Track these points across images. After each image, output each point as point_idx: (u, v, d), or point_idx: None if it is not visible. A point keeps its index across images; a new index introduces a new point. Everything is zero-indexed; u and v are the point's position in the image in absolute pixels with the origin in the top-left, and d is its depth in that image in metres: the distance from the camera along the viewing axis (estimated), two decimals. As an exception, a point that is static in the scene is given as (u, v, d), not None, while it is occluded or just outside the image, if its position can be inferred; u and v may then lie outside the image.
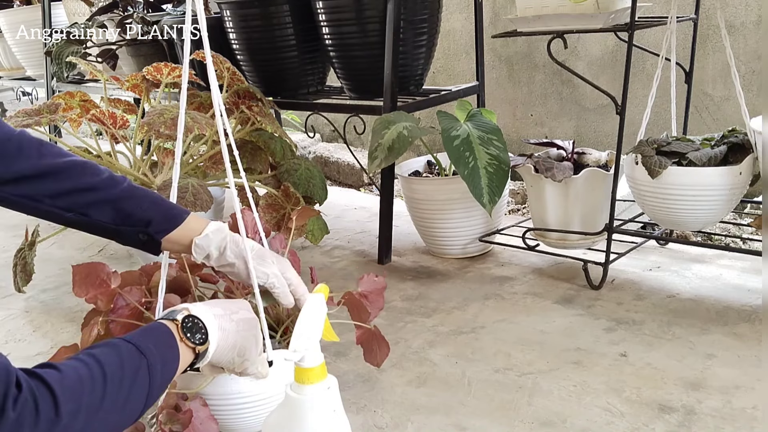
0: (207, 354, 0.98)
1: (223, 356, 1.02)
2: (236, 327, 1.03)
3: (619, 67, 2.69)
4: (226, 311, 1.04)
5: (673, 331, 1.63)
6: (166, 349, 0.92)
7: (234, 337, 1.02)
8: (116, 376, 0.81)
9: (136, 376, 0.84)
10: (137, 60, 2.85)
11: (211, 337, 0.98)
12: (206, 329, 0.98)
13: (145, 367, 0.85)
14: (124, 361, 0.84)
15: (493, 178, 1.90)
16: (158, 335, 0.93)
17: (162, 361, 0.89)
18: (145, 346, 0.87)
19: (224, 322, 1.02)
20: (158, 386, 0.88)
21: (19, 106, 5.21)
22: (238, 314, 1.05)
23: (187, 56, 1.27)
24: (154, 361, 0.87)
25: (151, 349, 0.88)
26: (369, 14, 2.17)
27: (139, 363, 0.85)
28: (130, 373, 0.83)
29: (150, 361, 0.86)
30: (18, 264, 1.91)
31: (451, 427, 1.34)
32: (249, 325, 1.06)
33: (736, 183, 1.67)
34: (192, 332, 0.96)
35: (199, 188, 1.85)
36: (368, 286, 1.41)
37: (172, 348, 0.93)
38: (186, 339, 0.95)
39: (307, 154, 3.61)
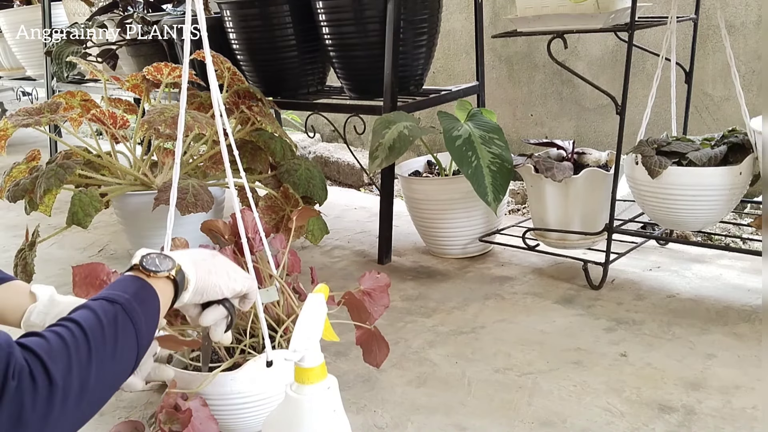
0: (187, 279, 0.99)
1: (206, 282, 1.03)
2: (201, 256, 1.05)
3: (619, 67, 2.69)
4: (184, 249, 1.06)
5: (673, 331, 1.63)
6: (137, 289, 0.91)
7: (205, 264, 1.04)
8: (96, 329, 0.82)
9: (115, 323, 0.84)
10: (137, 60, 2.85)
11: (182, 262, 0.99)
12: (172, 258, 0.98)
13: (121, 311, 0.86)
14: (98, 314, 0.84)
15: (497, 176, 1.91)
16: (123, 283, 0.93)
17: (137, 301, 0.89)
18: (114, 295, 0.88)
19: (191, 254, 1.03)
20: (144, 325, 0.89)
21: (19, 106, 5.21)
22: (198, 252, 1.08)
23: (187, 56, 1.27)
24: (129, 304, 0.87)
25: (121, 295, 0.88)
26: (369, 14, 2.17)
27: (114, 310, 0.86)
28: (108, 322, 0.84)
29: (124, 305, 0.87)
30: (18, 264, 1.92)
31: (451, 427, 1.34)
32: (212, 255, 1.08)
33: (736, 183, 1.67)
34: (156, 264, 0.96)
35: (200, 189, 1.85)
36: (371, 284, 1.41)
37: (143, 286, 0.93)
38: (152, 273, 0.94)
39: (307, 154, 3.61)
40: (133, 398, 1.51)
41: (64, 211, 1.91)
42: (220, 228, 1.43)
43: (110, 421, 1.43)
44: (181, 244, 1.37)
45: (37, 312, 1.04)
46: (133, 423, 1.26)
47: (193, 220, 1.87)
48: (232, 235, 1.41)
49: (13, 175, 2.02)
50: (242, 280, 1.09)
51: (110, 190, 2.01)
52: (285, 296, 1.35)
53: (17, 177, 2.01)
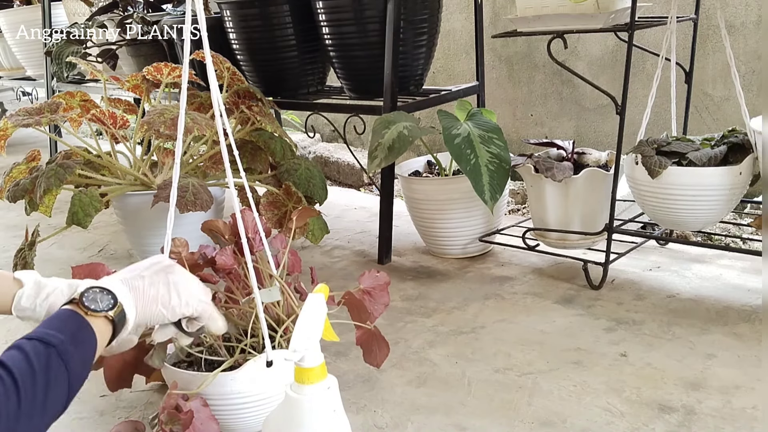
0: (126, 318, 0.96)
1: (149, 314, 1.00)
2: (150, 281, 1.02)
3: (619, 67, 2.69)
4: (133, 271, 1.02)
5: (673, 331, 1.63)
6: (74, 329, 0.89)
7: (150, 290, 1.01)
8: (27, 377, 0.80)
9: (48, 368, 0.82)
10: (137, 60, 2.85)
11: (123, 299, 0.96)
12: (114, 294, 0.95)
13: (55, 355, 0.83)
14: (31, 358, 0.81)
15: (494, 176, 1.91)
16: (61, 320, 0.90)
17: (73, 342, 0.87)
18: (50, 335, 0.85)
19: (134, 282, 1.00)
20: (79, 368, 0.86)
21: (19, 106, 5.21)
22: (150, 269, 1.04)
23: (187, 56, 1.27)
24: (63, 346, 0.85)
25: (56, 335, 0.86)
26: (369, 14, 2.17)
27: (47, 353, 0.83)
28: (41, 368, 0.81)
29: (59, 348, 0.84)
30: (18, 264, 1.92)
31: (451, 427, 1.35)
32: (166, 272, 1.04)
33: (736, 183, 1.67)
34: (96, 302, 0.93)
35: (200, 188, 1.85)
36: (371, 283, 1.41)
37: (81, 326, 0.90)
38: (90, 311, 0.92)
39: (307, 154, 3.61)
40: (133, 398, 1.51)
41: (64, 211, 1.91)
42: (220, 228, 1.43)
43: (110, 421, 1.43)
44: (181, 244, 1.37)
45: (26, 296, 1.04)
46: (133, 423, 1.26)
47: (193, 220, 1.87)
48: (233, 234, 1.41)
49: (13, 175, 2.02)
50: (194, 304, 1.06)
51: (110, 190, 2.01)
52: (285, 296, 1.35)
53: (17, 177, 2.01)
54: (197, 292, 1.07)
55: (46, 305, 1.04)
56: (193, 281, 1.08)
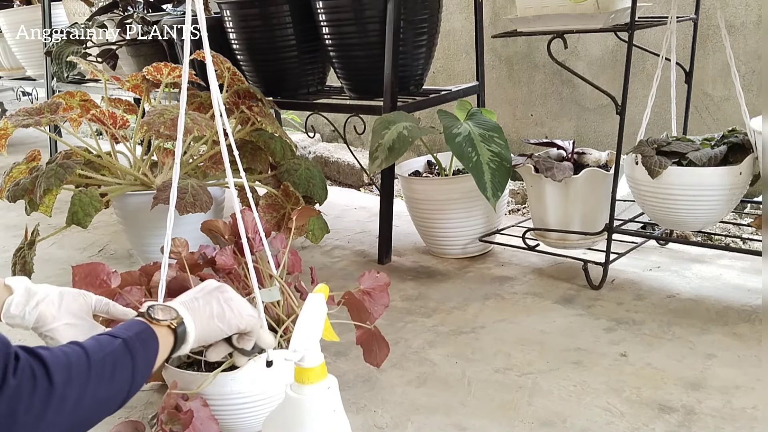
0: (188, 333, 1.00)
1: (207, 330, 1.04)
2: (204, 300, 1.06)
3: (619, 67, 2.69)
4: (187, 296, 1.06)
5: (673, 331, 1.63)
6: (140, 331, 0.94)
7: (207, 308, 1.05)
8: (97, 354, 0.85)
9: (115, 353, 0.87)
10: (137, 60, 2.85)
11: (183, 314, 1.01)
12: (176, 309, 1.00)
13: (122, 345, 0.89)
14: (101, 342, 0.87)
15: (496, 174, 1.91)
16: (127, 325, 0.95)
17: (139, 340, 0.92)
18: (117, 332, 0.91)
19: (191, 303, 1.04)
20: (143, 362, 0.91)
21: (19, 106, 5.21)
22: (202, 291, 1.08)
23: (187, 56, 1.27)
24: (131, 341, 0.90)
25: (124, 332, 0.91)
26: (369, 14, 2.17)
27: (116, 342, 0.88)
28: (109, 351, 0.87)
29: (127, 341, 0.89)
30: (17, 263, 1.92)
31: (451, 427, 1.34)
32: (218, 291, 1.08)
33: (736, 183, 1.67)
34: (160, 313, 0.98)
35: (199, 189, 1.85)
36: (370, 283, 1.41)
37: (146, 330, 0.95)
38: (155, 320, 0.97)
39: (307, 154, 3.61)
40: (133, 398, 1.51)
41: (64, 211, 1.90)
42: (220, 228, 1.43)
43: (110, 421, 1.42)
44: (181, 244, 1.37)
45: (15, 303, 1.05)
46: (133, 423, 1.26)
47: (193, 220, 1.87)
48: (232, 235, 1.41)
49: (13, 175, 2.02)
50: (247, 318, 1.09)
51: (110, 190, 2.01)
52: (285, 296, 1.35)
53: (17, 177, 2.00)
54: (247, 307, 1.11)
55: (35, 313, 1.05)
56: (242, 298, 1.12)
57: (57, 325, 1.06)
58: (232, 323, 1.07)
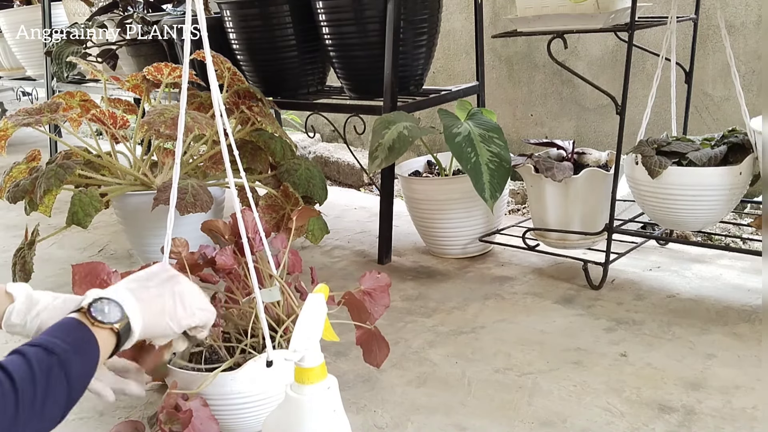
0: (132, 330, 0.95)
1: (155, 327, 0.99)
2: (157, 291, 1.01)
3: (619, 67, 2.69)
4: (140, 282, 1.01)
5: (673, 331, 1.63)
6: (78, 339, 0.88)
7: (159, 302, 1.00)
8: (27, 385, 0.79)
9: (48, 376, 0.81)
10: (137, 60, 2.85)
11: (131, 311, 0.95)
12: (121, 306, 0.94)
13: (56, 365, 0.83)
14: (32, 364, 0.81)
15: (495, 175, 1.90)
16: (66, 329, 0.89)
17: (76, 352, 0.86)
18: (53, 344, 0.84)
19: (141, 294, 0.99)
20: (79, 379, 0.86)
21: (19, 106, 5.21)
22: (157, 278, 1.03)
23: (187, 56, 1.27)
24: (66, 355, 0.84)
25: (60, 344, 0.85)
26: (369, 14, 2.17)
27: (50, 362, 0.82)
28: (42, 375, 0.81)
29: (61, 357, 0.83)
30: (17, 263, 1.91)
31: (451, 427, 1.34)
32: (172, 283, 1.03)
33: (736, 183, 1.67)
34: (103, 313, 0.92)
35: (199, 189, 1.85)
36: (371, 284, 1.41)
37: (85, 337, 0.89)
38: (97, 323, 0.91)
39: (307, 154, 3.61)
40: (132, 398, 1.51)
41: (64, 211, 1.90)
42: (220, 228, 1.43)
43: (110, 421, 1.43)
44: (181, 244, 1.37)
45: (17, 312, 1.02)
46: (133, 423, 1.26)
47: (193, 220, 1.87)
48: (233, 235, 1.41)
49: (13, 175, 2.02)
50: (199, 314, 1.05)
51: (110, 190, 2.01)
52: (285, 296, 1.35)
53: (17, 177, 2.00)
54: (201, 302, 1.07)
55: (37, 322, 1.02)
56: (196, 291, 1.07)
57: None
58: (183, 322, 1.03)
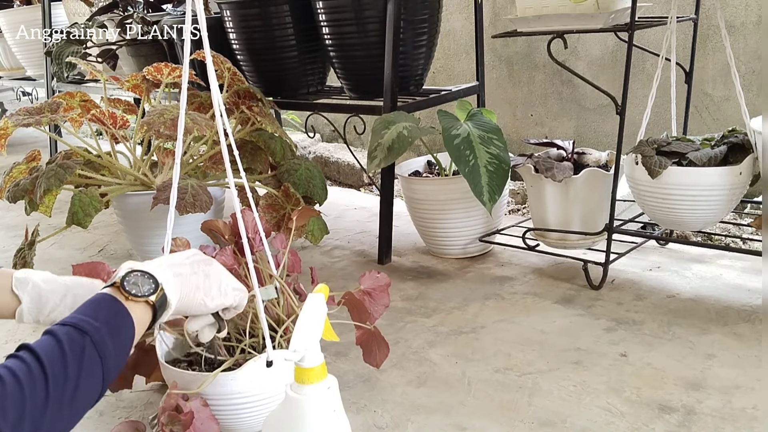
0: (168, 303, 0.94)
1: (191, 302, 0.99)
2: (191, 270, 1.01)
3: (619, 67, 2.69)
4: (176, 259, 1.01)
5: (673, 331, 1.63)
6: (111, 316, 0.86)
7: (194, 279, 1.00)
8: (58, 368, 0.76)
9: (81, 358, 0.79)
10: (137, 60, 2.85)
11: (166, 285, 0.94)
12: (155, 278, 0.93)
13: (90, 345, 0.80)
14: (63, 346, 0.78)
15: (494, 177, 1.90)
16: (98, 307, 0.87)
17: (109, 330, 0.83)
18: (85, 322, 0.82)
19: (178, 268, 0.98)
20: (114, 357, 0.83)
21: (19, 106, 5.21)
22: (191, 258, 1.04)
23: (187, 56, 1.27)
24: (99, 335, 0.82)
25: (92, 323, 0.82)
26: (369, 14, 2.17)
27: (82, 342, 0.80)
28: (73, 356, 0.78)
29: (93, 337, 0.81)
30: (17, 263, 1.92)
31: (451, 427, 1.35)
32: (205, 264, 1.04)
33: (736, 183, 1.67)
34: (137, 286, 0.91)
35: (199, 189, 1.85)
36: (371, 284, 1.41)
37: (119, 313, 0.87)
38: (131, 296, 0.89)
39: (307, 154, 3.61)
40: (133, 398, 1.51)
41: (64, 211, 1.91)
42: (221, 228, 1.43)
43: (110, 421, 1.43)
44: (182, 244, 1.37)
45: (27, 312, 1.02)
46: (133, 423, 1.26)
47: (193, 220, 1.87)
48: (233, 235, 1.41)
49: (13, 175, 2.02)
50: (232, 294, 1.06)
51: (110, 190, 2.01)
52: (285, 296, 1.35)
53: (17, 177, 2.01)
54: (234, 282, 1.08)
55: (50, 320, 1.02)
56: (228, 273, 1.08)
57: None
58: (217, 301, 1.04)
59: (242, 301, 1.09)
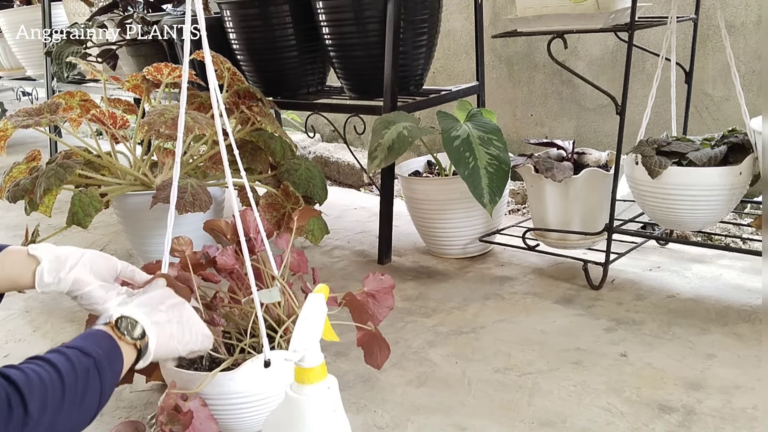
0: (149, 350, 1.02)
1: (165, 348, 1.06)
2: (167, 316, 1.07)
3: (619, 67, 2.69)
4: (152, 305, 1.07)
5: (673, 331, 1.63)
6: (108, 349, 0.95)
7: (169, 328, 1.07)
8: (70, 376, 0.86)
9: (87, 375, 0.89)
10: (137, 60, 2.85)
11: (149, 332, 1.02)
12: (141, 325, 1.02)
13: (93, 366, 0.90)
14: (73, 362, 0.88)
15: (494, 178, 1.90)
16: (98, 338, 0.96)
17: (107, 359, 0.93)
18: (89, 348, 0.92)
19: (155, 316, 1.05)
20: (109, 383, 0.93)
21: (19, 106, 5.22)
22: (165, 303, 1.09)
23: (187, 56, 1.27)
24: (100, 360, 0.92)
25: (95, 349, 0.92)
26: (369, 14, 2.17)
27: (87, 363, 0.90)
28: (81, 372, 0.88)
29: (96, 360, 0.91)
30: (18, 264, 1.91)
31: (451, 427, 1.35)
32: (178, 309, 1.10)
33: (736, 183, 1.67)
34: (128, 330, 1.00)
35: (198, 188, 1.85)
36: (375, 285, 1.40)
37: (114, 347, 0.97)
38: (124, 337, 0.99)
39: (307, 154, 3.61)
40: (132, 398, 1.51)
41: (64, 211, 1.91)
42: (222, 227, 1.43)
43: (110, 421, 1.43)
44: (185, 243, 1.37)
45: (48, 271, 1.10)
46: (133, 423, 1.26)
47: (193, 220, 1.87)
48: (234, 234, 1.41)
49: (13, 175, 2.02)
50: (202, 340, 1.12)
51: (110, 190, 2.01)
52: (286, 296, 1.35)
53: (17, 177, 2.01)
54: (204, 329, 1.14)
55: (70, 278, 1.11)
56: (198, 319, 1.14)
57: (90, 288, 1.12)
58: (188, 347, 1.10)
59: (208, 347, 1.15)
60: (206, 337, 1.14)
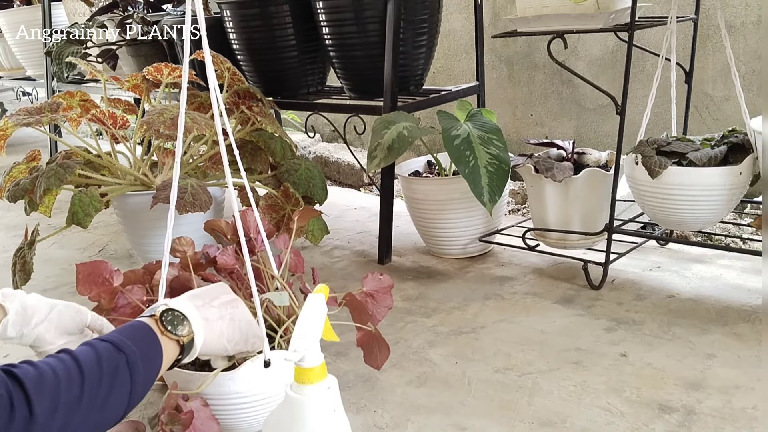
0: (194, 346, 0.98)
1: (213, 346, 1.02)
2: (219, 313, 1.04)
3: (619, 67, 2.69)
4: (205, 300, 1.04)
5: (673, 331, 1.63)
6: (146, 344, 0.90)
7: (219, 324, 1.03)
8: (94, 374, 0.80)
9: (115, 373, 0.83)
10: (137, 60, 2.85)
11: (196, 328, 0.98)
12: (188, 320, 0.97)
13: (124, 364, 0.84)
14: (101, 358, 0.82)
15: (494, 177, 1.90)
16: (136, 332, 0.91)
17: (142, 356, 0.87)
18: (123, 343, 0.86)
19: (206, 312, 1.01)
20: (141, 382, 0.87)
21: (19, 106, 5.21)
22: (219, 299, 1.06)
23: (187, 56, 1.27)
24: (134, 357, 0.86)
25: (129, 345, 0.87)
26: (369, 14, 2.17)
27: (118, 360, 0.84)
28: (108, 370, 0.82)
29: (129, 357, 0.85)
30: (17, 263, 1.91)
31: (451, 427, 1.35)
32: (232, 306, 1.06)
33: (736, 183, 1.67)
34: (173, 325, 0.96)
35: (198, 188, 1.85)
36: (373, 285, 1.40)
37: (153, 343, 0.92)
38: (167, 332, 0.94)
39: (307, 154, 3.61)
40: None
41: (64, 211, 1.91)
42: (223, 227, 1.43)
43: (110, 421, 1.43)
44: (186, 243, 1.37)
45: (12, 324, 1.02)
46: (134, 423, 1.26)
47: (193, 220, 1.87)
48: (235, 234, 1.41)
49: (13, 175, 2.02)
50: (252, 342, 1.09)
51: (110, 190, 2.01)
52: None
53: (17, 177, 2.00)
54: (256, 329, 1.11)
55: (33, 335, 1.03)
56: (252, 319, 1.10)
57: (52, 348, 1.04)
58: (238, 347, 1.07)
59: (259, 348, 1.12)
60: (257, 338, 1.10)
